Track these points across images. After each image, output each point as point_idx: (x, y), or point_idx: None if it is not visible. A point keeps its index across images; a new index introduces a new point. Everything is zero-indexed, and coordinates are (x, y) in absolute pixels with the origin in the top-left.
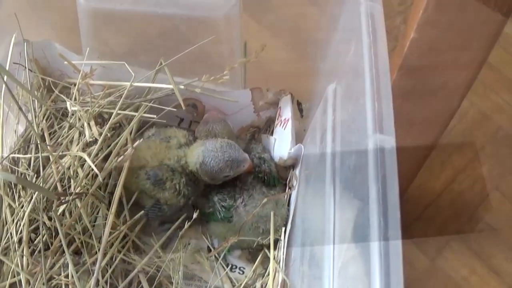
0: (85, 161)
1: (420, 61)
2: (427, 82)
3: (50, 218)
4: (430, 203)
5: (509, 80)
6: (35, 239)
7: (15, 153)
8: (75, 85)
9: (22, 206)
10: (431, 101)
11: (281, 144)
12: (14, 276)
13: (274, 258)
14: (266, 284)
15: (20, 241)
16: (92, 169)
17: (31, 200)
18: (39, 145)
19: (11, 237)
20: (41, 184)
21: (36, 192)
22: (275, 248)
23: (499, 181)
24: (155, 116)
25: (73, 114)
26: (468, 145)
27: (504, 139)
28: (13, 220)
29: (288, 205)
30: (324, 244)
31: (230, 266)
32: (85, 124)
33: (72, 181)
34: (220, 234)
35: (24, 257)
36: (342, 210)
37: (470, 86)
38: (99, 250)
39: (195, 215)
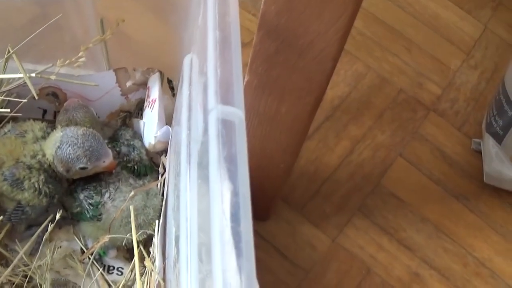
0: None
1: (279, 19)
2: (291, 42)
3: None
4: (327, 178)
5: (408, 40)
6: None
7: None
8: None
9: None
10: (300, 65)
11: (150, 128)
12: None
13: (149, 256)
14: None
15: None
16: None
17: None
18: None
19: None
20: None
21: None
22: (151, 244)
23: (403, 147)
24: (9, 110)
25: None
26: (365, 112)
27: (406, 102)
28: None
29: (163, 194)
30: (180, 238)
31: (107, 267)
32: None
33: None
34: (91, 234)
35: None
36: (202, 198)
37: (343, 44)
38: None
39: (58, 216)
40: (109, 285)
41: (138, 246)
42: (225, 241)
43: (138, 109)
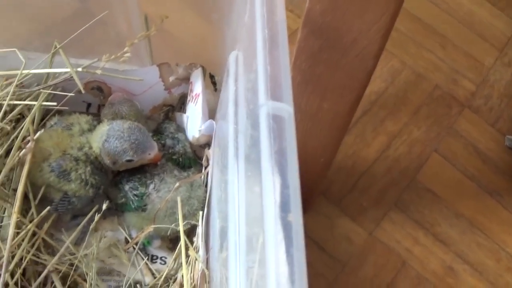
0: None
1: (323, 17)
2: (335, 40)
3: None
4: (364, 172)
5: (442, 36)
6: None
7: None
8: None
9: None
10: (342, 62)
11: (193, 122)
12: None
13: (193, 246)
14: (188, 274)
15: None
16: None
17: None
18: None
19: None
20: None
21: None
22: (194, 234)
23: (438, 143)
24: (55, 103)
25: None
26: (402, 108)
27: (441, 98)
28: None
29: (206, 186)
30: (228, 229)
31: (150, 257)
32: None
33: None
34: (136, 224)
35: None
36: (250, 190)
37: (384, 42)
38: None
39: (104, 206)
40: (153, 273)
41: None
42: (277, 231)
43: (181, 103)
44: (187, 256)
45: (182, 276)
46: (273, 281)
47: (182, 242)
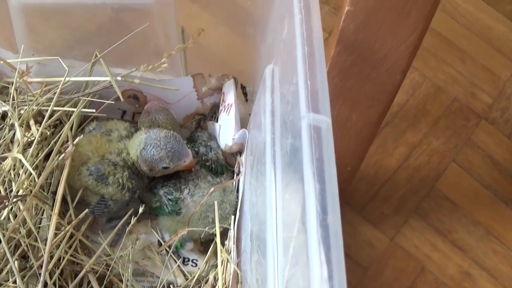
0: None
1: (356, 35)
2: (366, 56)
3: None
4: (386, 180)
5: (461, 51)
6: None
7: None
8: (12, 84)
9: None
10: (372, 76)
11: (226, 131)
12: None
13: (224, 248)
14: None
15: None
16: (35, 170)
17: None
18: None
19: None
20: None
21: None
22: (226, 238)
23: (456, 153)
24: (94, 110)
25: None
26: (422, 119)
27: (459, 110)
28: None
29: (237, 191)
30: (266, 233)
31: (182, 259)
32: (16, 125)
33: (13, 184)
34: (170, 227)
35: None
36: (289, 196)
37: (412, 58)
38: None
39: (141, 210)
40: (185, 275)
41: (214, 239)
42: (318, 232)
43: (212, 112)
44: (217, 259)
45: (214, 277)
46: (316, 278)
47: (218, 244)
